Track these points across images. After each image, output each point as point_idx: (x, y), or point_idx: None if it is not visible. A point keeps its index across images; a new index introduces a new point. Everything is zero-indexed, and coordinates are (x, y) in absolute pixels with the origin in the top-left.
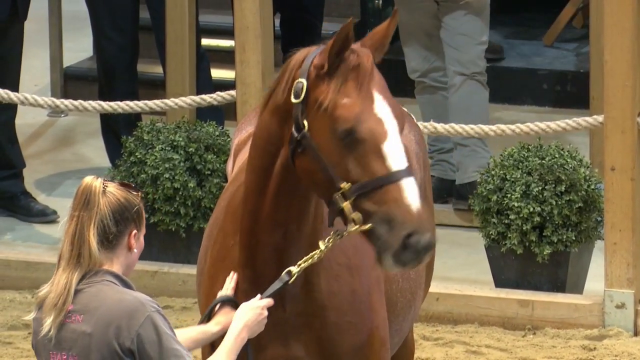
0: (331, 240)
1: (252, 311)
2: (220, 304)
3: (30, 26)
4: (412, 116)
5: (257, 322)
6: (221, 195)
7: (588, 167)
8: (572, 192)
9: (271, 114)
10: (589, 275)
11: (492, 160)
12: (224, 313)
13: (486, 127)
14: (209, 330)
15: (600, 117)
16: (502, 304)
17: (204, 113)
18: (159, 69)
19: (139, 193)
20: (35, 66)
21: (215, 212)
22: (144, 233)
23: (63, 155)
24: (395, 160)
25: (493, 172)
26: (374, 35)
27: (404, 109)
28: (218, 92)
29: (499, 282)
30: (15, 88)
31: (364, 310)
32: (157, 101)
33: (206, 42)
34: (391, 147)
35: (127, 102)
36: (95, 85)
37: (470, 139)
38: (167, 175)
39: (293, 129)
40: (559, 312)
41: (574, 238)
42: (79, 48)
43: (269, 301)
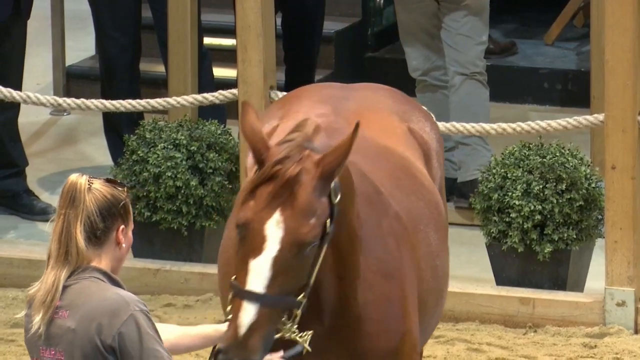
0: None
1: None
2: None
3: (33, 25)
4: (432, 115)
5: None
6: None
7: (589, 165)
8: (573, 191)
9: None
10: (590, 274)
11: (493, 159)
12: None
13: (487, 126)
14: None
15: (601, 116)
16: (503, 302)
17: (206, 112)
18: (161, 68)
19: (125, 189)
20: (37, 65)
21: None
22: (131, 228)
23: (65, 154)
24: (251, 281)
25: (494, 171)
26: (334, 150)
27: (424, 108)
28: (220, 91)
29: (500, 280)
30: (18, 87)
31: (397, 316)
32: (159, 100)
33: (208, 41)
34: (257, 266)
35: (130, 101)
36: (98, 84)
37: (472, 138)
38: (169, 173)
39: None
40: (559, 310)
41: (574, 236)
42: (81, 47)
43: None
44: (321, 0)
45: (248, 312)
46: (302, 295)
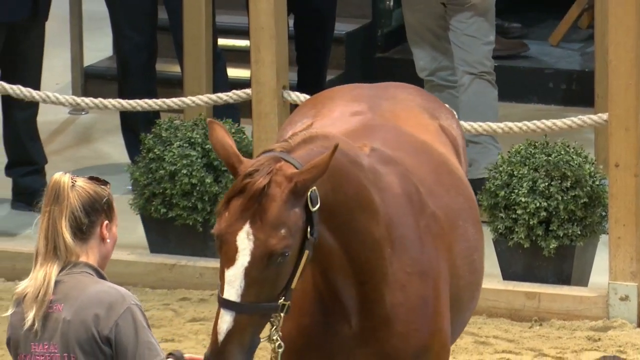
0: None
1: None
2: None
3: (52, 26)
4: (454, 112)
5: None
6: None
7: (593, 163)
8: (578, 188)
9: None
10: (594, 269)
11: (500, 157)
12: None
13: (494, 125)
14: None
15: (604, 115)
16: (510, 296)
17: (221, 111)
18: (176, 68)
19: (108, 186)
20: (56, 65)
21: None
22: (116, 225)
23: (83, 152)
24: (227, 290)
25: (501, 169)
26: (311, 168)
27: (447, 105)
28: (234, 91)
29: (507, 275)
30: (36, 86)
31: (429, 316)
32: (175, 99)
33: (222, 42)
34: (231, 276)
35: (146, 100)
36: (115, 84)
37: (482, 137)
38: (184, 171)
39: None
40: (564, 304)
41: (579, 232)
42: (99, 47)
43: None
44: (332, 2)
45: (225, 320)
46: (281, 300)
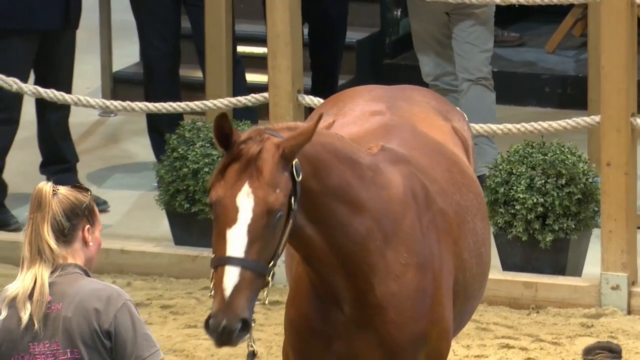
0: None
1: None
2: None
3: (83, 35)
4: (465, 115)
5: None
6: None
7: (586, 162)
8: (572, 185)
9: None
10: (587, 260)
11: (499, 156)
12: None
13: (494, 126)
14: None
15: (597, 117)
16: (509, 286)
17: (239, 113)
18: (198, 74)
19: (89, 193)
20: (87, 71)
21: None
22: (99, 229)
23: (112, 152)
24: (230, 247)
25: (500, 167)
26: (297, 135)
27: (458, 109)
28: (252, 94)
29: (506, 266)
30: (69, 90)
31: (426, 305)
32: (197, 102)
33: (241, 49)
34: (234, 234)
35: (170, 103)
36: (142, 88)
37: (479, 138)
38: (206, 169)
39: None
40: (560, 293)
41: (573, 226)
42: (127, 54)
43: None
44: (344, 12)
45: (231, 276)
46: (271, 264)
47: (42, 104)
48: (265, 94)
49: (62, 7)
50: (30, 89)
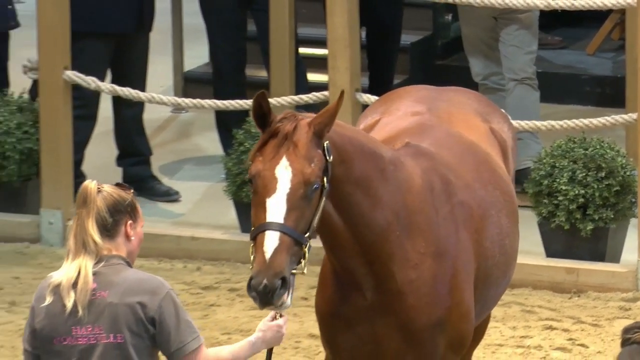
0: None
1: (270, 328)
2: None
3: (156, 37)
4: (509, 116)
5: (274, 337)
6: None
7: (624, 156)
8: (611, 178)
9: None
10: (625, 248)
11: (543, 151)
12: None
13: (538, 123)
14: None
15: (634, 115)
16: (552, 271)
17: (301, 110)
18: (263, 73)
19: (132, 191)
20: (160, 71)
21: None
22: (141, 225)
23: (183, 146)
24: (270, 214)
25: (544, 161)
26: (323, 112)
27: (502, 110)
28: (313, 93)
29: (549, 252)
30: (143, 88)
31: (445, 291)
32: None
33: (303, 50)
34: (274, 203)
35: (238, 101)
36: (211, 87)
37: (524, 133)
38: None
39: None
40: (599, 279)
41: (612, 216)
42: (197, 55)
43: (285, 319)
44: (398, 16)
45: (272, 239)
46: (307, 235)
47: (118, 102)
48: (326, 93)
49: (136, 12)
50: (107, 87)
